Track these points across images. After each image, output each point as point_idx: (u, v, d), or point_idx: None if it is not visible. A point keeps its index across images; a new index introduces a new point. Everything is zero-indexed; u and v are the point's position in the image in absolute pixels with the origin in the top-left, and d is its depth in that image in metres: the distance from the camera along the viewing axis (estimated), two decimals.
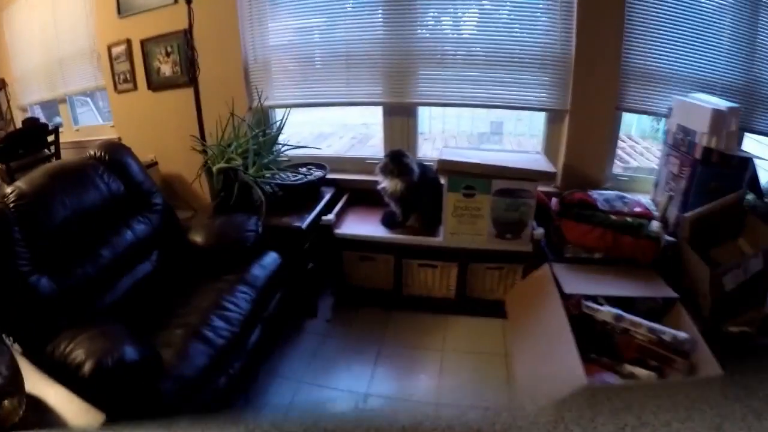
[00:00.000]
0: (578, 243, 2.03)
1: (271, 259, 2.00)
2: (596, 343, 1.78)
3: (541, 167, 1.99)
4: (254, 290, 1.82)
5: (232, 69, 2.57)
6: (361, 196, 2.51)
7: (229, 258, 1.93)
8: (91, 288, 1.69)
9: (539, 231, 2.05)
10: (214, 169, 2.15)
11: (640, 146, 3.94)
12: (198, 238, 2.03)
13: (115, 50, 2.86)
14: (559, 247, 2.08)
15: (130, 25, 2.74)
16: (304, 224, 2.12)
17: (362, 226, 2.33)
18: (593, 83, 2.18)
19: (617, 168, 2.52)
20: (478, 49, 2.33)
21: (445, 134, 3.94)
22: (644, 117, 3.64)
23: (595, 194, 2.11)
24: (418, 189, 2.15)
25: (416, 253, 2.21)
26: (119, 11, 2.74)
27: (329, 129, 4.75)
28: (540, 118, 2.52)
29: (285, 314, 2.14)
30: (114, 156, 1.99)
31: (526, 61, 2.27)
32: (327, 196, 2.44)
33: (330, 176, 2.48)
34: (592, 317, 1.83)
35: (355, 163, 2.69)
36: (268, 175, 2.18)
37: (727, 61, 2.19)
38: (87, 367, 1.27)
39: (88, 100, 3.75)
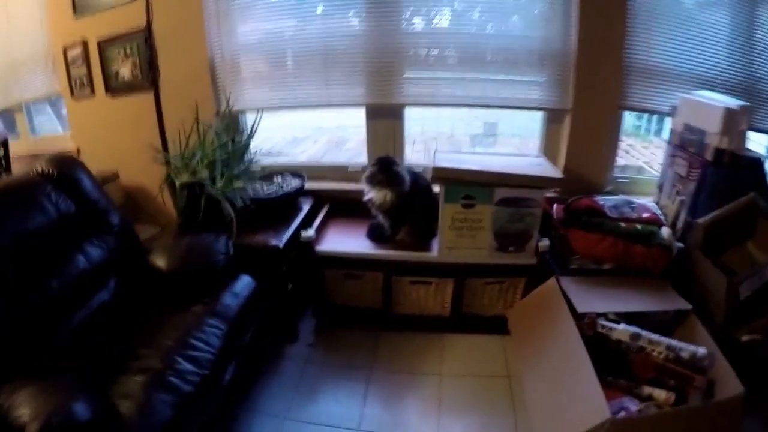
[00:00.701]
0: (587, 254, 1.88)
1: (245, 284, 1.78)
2: (610, 363, 1.64)
3: (547, 173, 1.83)
4: (226, 323, 1.58)
5: (197, 69, 2.32)
6: (343, 207, 2.30)
7: (196, 285, 1.70)
8: (39, 325, 1.46)
9: (544, 242, 1.89)
10: (177, 183, 1.92)
11: (624, 144, 3.86)
12: (161, 262, 1.80)
13: (71, 53, 2.60)
14: (564, 258, 1.92)
15: (86, 25, 2.48)
16: (281, 243, 1.90)
17: (346, 241, 2.12)
18: (596, 80, 2.04)
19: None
20: (471, 43, 2.14)
21: (425, 136, 3.77)
22: (627, 114, 3.59)
23: (602, 200, 1.97)
24: (409, 200, 1.95)
25: (408, 269, 2.01)
26: (75, 10, 2.48)
27: (303, 133, 4.54)
28: (531, 117, 2.39)
29: (263, 344, 1.93)
30: (64, 171, 1.75)
31: (524, 56, 2.10)
32: (305, 209, 2.22)
33: (308, 186, 2.26)
34: (606, 336, 1.70)
35: (336, 171, 2.47)
36: (239, 186, 1.96)
37: (728, 58, 2.10)
38: (32, 429, 1.07)
39: (48, 107, 3.40)
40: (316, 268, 2.07)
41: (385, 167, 1.95)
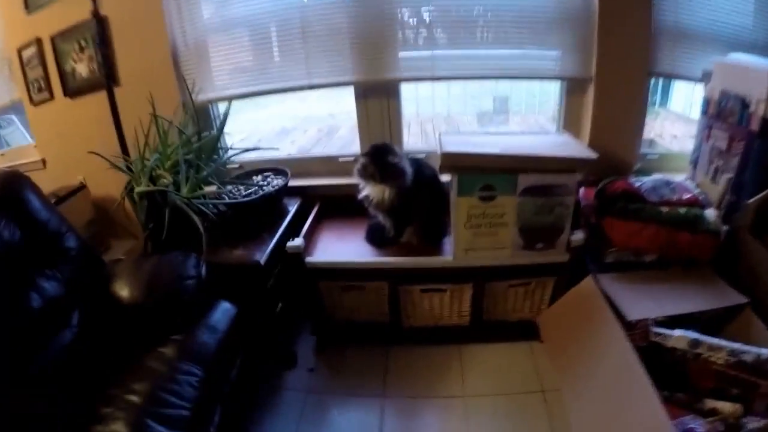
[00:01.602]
0: (625, 245, 1.58)
1: (222, 313, 1.43)
2: (665, 375, 1.38)
3: (579, 153, 1.50)
4: (203, 366, 1.25)
5: (158, 57, 1.95)
6: (336, 205, 1.95)
7: (164, 319, 1.36)
8: None
9: (578, 236, 1.58)
10: (135, 193, 1.56)
11: None
12: (123, 290, 1.44)
13: (26, 53, 2.23)
14: (599, 251, 1.63)
15: (39, 20, 2.11)
16: (263, 258, 1.54)
17: (342, 247, 1.78)
18: (621, 43, 1.72)
19: None
20: (475, 4, 1.77)
21: (420, 118, 3.42)
22: None
23: (637, 181, 1.67)
24: (413, 195, 1.61)
25: (417, 277, 1.69)
26: (27, 6, 2.11)
27: (291, 123, 4.21)
28: (531, 93, 2.07)
29: (254, 376, 1.62)
30: (6, 191, 1.41)
31: (539, 18, 1.75)
32: (291, 211, 1.86)
33: (294, 183, 1.91)
34: (660, 345, 1.43)
35: (325, 164, 2.10)
36: (210, 190, 1.61)
37: (755, 17, 1.81)
38: None
39: (13, 117, 3.03)
40: (309, 281, 1.73)
41: (378, 158, 1.58)
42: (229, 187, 1.77)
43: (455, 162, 1.48)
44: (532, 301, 1.73)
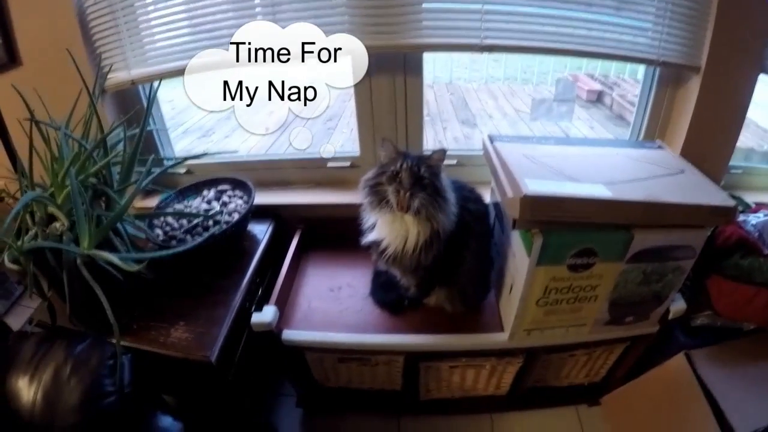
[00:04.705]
0: (733, 315, 1.10)
1: None
2: None
3: (714, 198, 0.88)
4: None
5: (60, 24, 1.11)
6: (327, 231, 1.26)
7: None
8: None
9: (679, 305, 1.03)
10: (5, 257, 0.81)
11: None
12: (21, 396, 0.80)
13: None
14: (688, 311, 1.13)
15: None
16: (214, 353, 0.87)
17: (336, 308, 1.11)
18: (743, 25, 1.09)
19: None
20: None
21: (436, 83, 2.58)
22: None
23: (745, 222, 1.15)
24: (454, 243, 0.96)
25: (447, 354, 1.09)
26: None
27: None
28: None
29: None
30: None
31: None
32: (260, 249, 1.14)
33: (263, 199, 1.20)
34: None
35: (307, 170, 1.34)
36: (130, 231, 0.90)
37: None
38: None
39: None
40: (289, 356, 1.10)
41: (413, 169, 0.88)
42: (166, 220, 1.06)
43: (545, 213, 0.82)
44: (592, 367, 1.23)
